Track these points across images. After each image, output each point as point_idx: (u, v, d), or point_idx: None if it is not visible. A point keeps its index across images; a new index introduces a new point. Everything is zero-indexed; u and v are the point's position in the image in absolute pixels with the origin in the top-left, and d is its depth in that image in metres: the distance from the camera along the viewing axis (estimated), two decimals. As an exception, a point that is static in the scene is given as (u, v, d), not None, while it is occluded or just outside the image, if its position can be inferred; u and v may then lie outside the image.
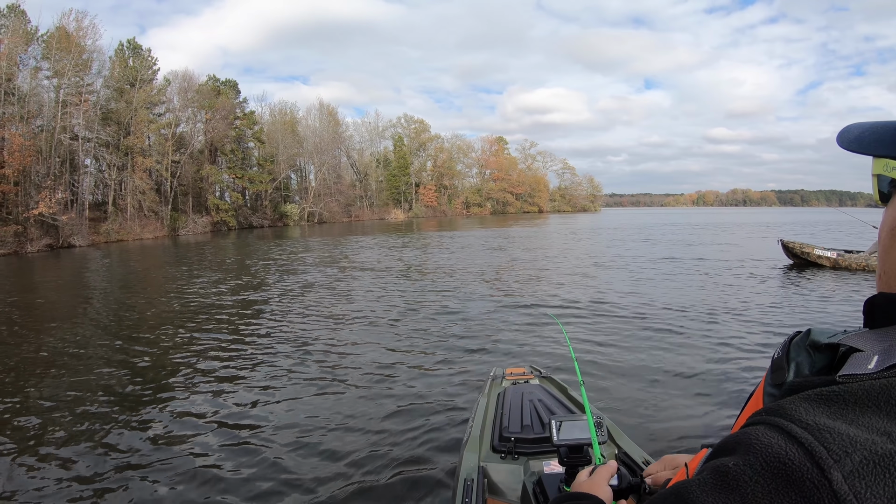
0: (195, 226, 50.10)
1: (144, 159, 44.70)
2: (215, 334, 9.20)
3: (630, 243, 28.16)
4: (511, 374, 3.81)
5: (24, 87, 34.78)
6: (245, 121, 59.79)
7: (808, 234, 32.75)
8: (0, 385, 6.61)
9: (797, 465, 0.46)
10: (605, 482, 1.15)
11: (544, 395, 3.17)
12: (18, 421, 5.41)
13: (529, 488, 2.09)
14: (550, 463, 2.47)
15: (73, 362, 7.61)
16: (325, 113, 76.90)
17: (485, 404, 3.28)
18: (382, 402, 5.71)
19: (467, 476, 2.50)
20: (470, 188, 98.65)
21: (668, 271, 16.27)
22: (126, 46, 46.12)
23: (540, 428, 2.78)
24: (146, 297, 14.29)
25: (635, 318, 9.55)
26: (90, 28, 38.79)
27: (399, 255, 23.60)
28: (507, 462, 2.64)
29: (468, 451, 2.73)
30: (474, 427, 3.00)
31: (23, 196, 33.51)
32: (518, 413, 2.95)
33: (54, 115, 36.29)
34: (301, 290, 13.85)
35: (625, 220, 72.85)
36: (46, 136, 35.89)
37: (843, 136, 0.70)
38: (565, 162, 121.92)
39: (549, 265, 18.24)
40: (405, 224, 63.80)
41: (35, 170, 34.62)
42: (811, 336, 0.67)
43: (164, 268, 21.89)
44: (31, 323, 10.85)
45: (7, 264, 25.19)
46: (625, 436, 2.75)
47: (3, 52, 33.31)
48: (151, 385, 6.58)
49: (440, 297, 12.37)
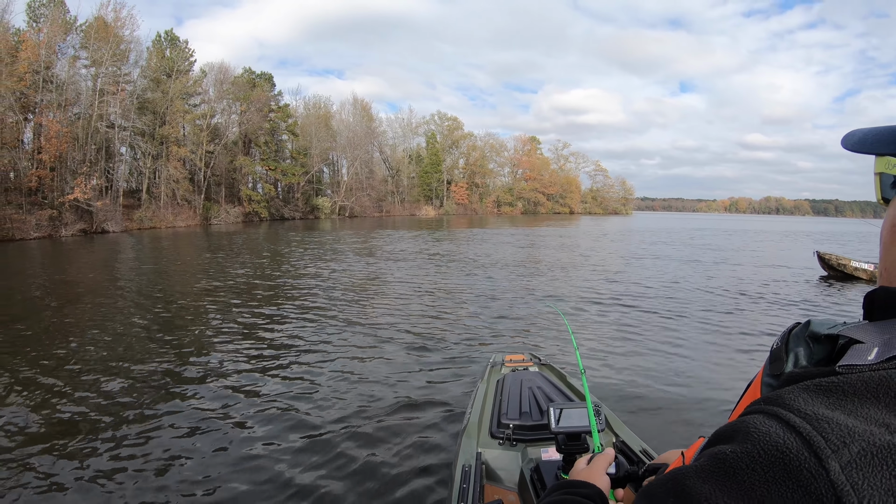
0: (227, 216, 50.43)
1: (179, 149, 45.18)
2: (240, 317, 9.42)
3: (661, 246, 27.29)
4: (510, 361, 3.85)
5: (62, 75, 35.30)
6: (279, 113, 59.97)
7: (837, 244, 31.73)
8: (36, 358, 6.92)
9: (795, 455, 0.46)
10: (602, 470, 1.14)
11: (543, 383, 3.17)
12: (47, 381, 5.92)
13: (527, 475, 2.10)
14: (548, 450, 2.42)
15: (104, 335, 8.09)
16: (359, 108, 76.93)
17: (484, 391, 3.29)
18: (385, 384, 5.78)
19: (465, 462, 2.50)
20: (501, 187, 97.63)
21: (698, 277, 15.56)
22: (163, 37, 46.63)
23: (538, 415, 2.77)
24: (178, 278, 15.09)
25: (655, 321, 9.21)
26: (128, 19, 39.30)
27: (427, 249, 23.61)
28: (505, 448, 2.63)
29: (466, 437, 2.74)
30: (473, 413, 3.01)
31: (58, 181, 34.08)
32: (517, 400, 2.94)
33: (91, 104, 36.81)
34: (327, 278, 14.08)
35: (657, 224, 71.32)
36: (83, 123, 36.41)
37: (847, 139, 0.71)
38: (598, 164, 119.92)
39: (574, 263, 17.55)
40: (435, 221, 63.61)
41: (71, 156, 35.16)
42: (811, 327, 0.66)
43: (196, 254, 22.29)
44: (66, 298, 11.42)
45: (42, 247, 25.74)
46: (623, 424, 2.75)
47: (43, 41, 33.88)
48: (177, 355, 7.03)
49: (460, 288, 12.60)
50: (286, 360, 6.77)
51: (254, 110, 53.33)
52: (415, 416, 4.94)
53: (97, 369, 6.42)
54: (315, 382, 5.91)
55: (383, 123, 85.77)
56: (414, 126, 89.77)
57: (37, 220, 31.27)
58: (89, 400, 5.40)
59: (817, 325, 0.66)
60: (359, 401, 5.32)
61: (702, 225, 69.57)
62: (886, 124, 0.67)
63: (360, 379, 5.99)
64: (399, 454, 4.21)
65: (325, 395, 5.51)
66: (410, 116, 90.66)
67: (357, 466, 4.03)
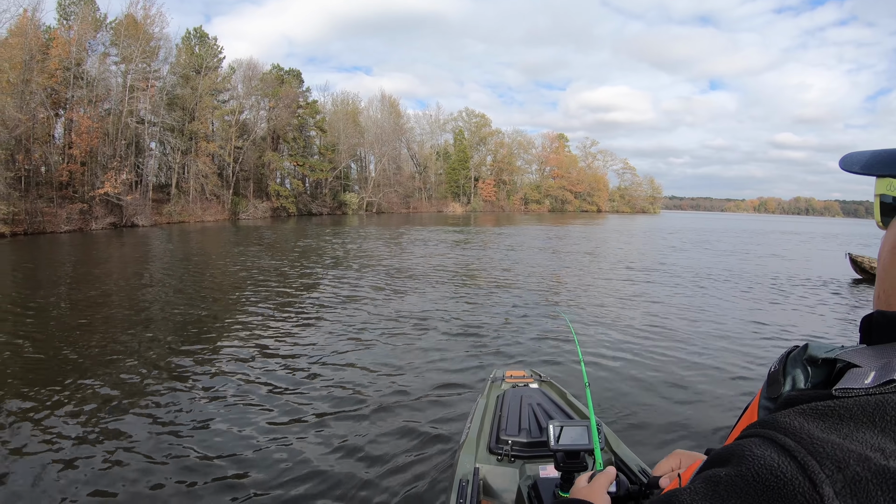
0: (255, 210, 50.62)
1: (208, 144, 45.53)
2: (245, 315, 9.56)
3: (688, 249, 26.26)
4: (511, 377, 3.76)
5: (92, 71, 35.72)
6: (308, 110, 60.01)
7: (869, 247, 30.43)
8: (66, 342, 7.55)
9: (789, 479, 0.46)
10: (603, 489, 1.13)
11: (543, 400, 3.12)
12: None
13: (524, 492, 2.08)
14: (547, 467, 2.32)
15: (133, 322, 8.71)
16: (387, 104, 76.74)
17: (483, 406, 3.24)
18: (384, 395, 5.72)
19: (463, 477, 2.46)
20: (529, 184, 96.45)
21: (725, 279, 14.99)
22: (193, 34, 46.88)
23: (538, 432, 2.73)
24: (208, 269, 15.75)
25: (671, 334, 8.75)
26: (157, 16, 39.59)
27: (452, 248, 23.45)
28: (504, 465, 2.59)
29: (464, 453, 2.68)
30: (472, 428, 2.96)
31: (89, 176, 34.52)
32: (516, 416, 2.91)
33: (121, 100, 37.14)
34: (348, 276, 14.19)
35: (684, 223, 69.58)
36: (113, 118, 36.80)
37: (846, 160, 0.70)
38: (626, 162, 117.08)
39: (595, 267, 16.72)
40: (462, 217, 63.40)
41: (102, 151, 35.51)
42: (808, 351, 0.66)
43: (225, 246, 22.99)
44: (98, 287, 12.08)
45: (73, 239, 26.20)
46: (621, 443, 2.68)
47: (73, 39, 34.29)
48: (201, 343, 7.56)
49: (478, 290, 12.59)
50: (284, 366, 6.74)
51: (282, 106, 53.43)
52: (413, 429, 4.86)
53: (134, 353, 7.00)
54: (309, 389, 5.87)
55: (411, 120, 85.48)
56: (442, 122, 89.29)
57: (68, 214, 31.74)
58: (124, 380, 5.96)
59: (815, 349, 0.65)
60: (355, 411, 5.26)
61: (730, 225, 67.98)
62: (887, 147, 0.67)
63: (358, 389, 5.89)
64: (396, 467, 4.17)
65: (321, 404, 5.45)
66: (438, 113, 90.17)
67: (353, 478, 4.01)
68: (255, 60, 53.67)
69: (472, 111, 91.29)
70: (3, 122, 27.34)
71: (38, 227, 29.04)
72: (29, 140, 30.69)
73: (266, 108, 53.78)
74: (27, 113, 29.64)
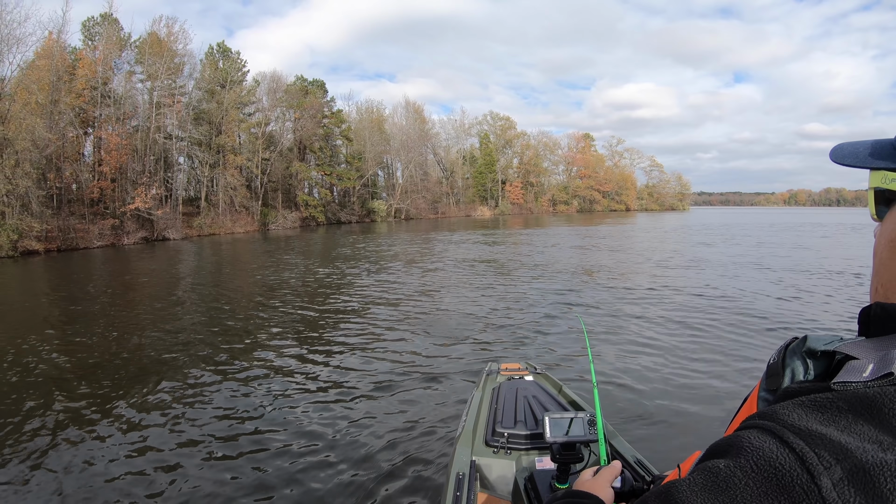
0: (285, 221, 50.58)
1: (235, 157, 45.55)
2: (287, 317, 9.98)
3: (721, 246, 24.64)
4: (506, 370, 3.76)
5: (118, 89, 36.10)
6: (333, 119, 59.97)
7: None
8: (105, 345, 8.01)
9: (787, 470, 0.46)
10: (607, 483, 1.13)
11: (538, 392, 3.11)
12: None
13: (521, 484, 2.09)
14: (543, 459, 2.41)
15: (167, 331, 8.92)
16: (412, 111, 76.30)
17: (479, 398, 3.24)
18: (380, 389, 5.79)
19: (459, 469, 2.45)
20: (556, 186, 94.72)
21: (748, 280, 13.81)
22: (216, 49, 47.13)
23: (533, 424, 2.71)
24: (239, 279, 16.28)
25: (700, 326, 8.56)
26: (180, 33, 39.81)
27: (481, 250, 23.58)
28: (500, 457, 2.59)
29: (461, 445, 2.68)
30: (468, 421, 2.94)
31: (119, 192, 34.79)
32: (512, 408, 2.90)
33: (148, 116, 37.49)
34: (376, 281, 14.25)
35: (715, 219, 67.24)
36: (141, 135, 37.11)
37: (837, 152, 0.70)
38: (653, 159, 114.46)
39: (618, 264, 15.56)
40: (491, 221, 62.71)
41: (131, 167, 35.81)
42: (807, 343, 0.66)
43: (256, 257, 23.38)
44: (135, 298, 12.61)
45: (105, 254, 26.51)
46: (618, 435, 2.66)
47: (99, 58, 34.72)
48: (230, 350, 7.64)
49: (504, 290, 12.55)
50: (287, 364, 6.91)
51: (307, 117, 53.43)
52: (409, 422, 4.88)
53: (169, 357, 7.28)
54: (309, 385, 5.99)
55: (436, 125, 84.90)
56: (467, 127, 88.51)
57: (100, 230, 32.03)
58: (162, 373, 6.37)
59: (814, 341, 0.65)
60: (352, 406, 5.32)
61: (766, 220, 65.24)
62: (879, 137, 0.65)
63: (355, 383, 5.96)
64: (392, 460, 4.18)
65: (319, 398, 5.58)
66: (463, 117, 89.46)
67: (349, 471, 4.03)
68: (278, 72, 53.88)
69: (496, 114, 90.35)
70: (34, 142, 27.63)
71: (71, 243, 29.31)
72: (59, 159, 31.04)
73: (291, 119, 53.88)
74: (56, 132, 29.95)
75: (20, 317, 10.79)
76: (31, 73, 29.03)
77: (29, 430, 4.87)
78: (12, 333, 8.94)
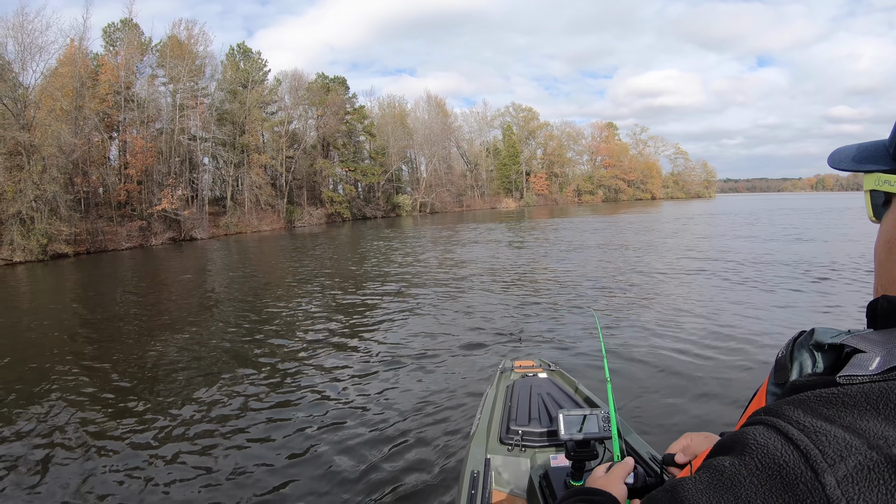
0: (310, 217, 50.54)
1: (260, 156, 45.58)
2: (313, 303, 10.69)
3: (751, 238, 22.63)
4: (520, 367, 3.71)
5: (142, 93, 36.27)
6: (355, 115, 59.72)
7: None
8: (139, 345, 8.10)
9: (792, 468, 0.46)
10: (620, 479, 1.11)
11: (552, 389, 3.07)
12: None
13: (536, 482, 2.08)
14: (557, 457, 2.27)
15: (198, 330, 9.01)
16: (434, 105, 75.47)
17: (493, 396, 3.20)
18: (396, 389, 5.72)
19: (474, 468, 2.44)
20: (581, 175, 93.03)
21: (775, 274, 12.78)
22: (236, 50, 47.10)
23: (548, 421, 2.67)
24: (267, 275, 16.55)
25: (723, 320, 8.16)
26: (200, 35, 39.85)
27: (503, 241, 23.33)
28: (514, 455, 2.55)
29: (475, 443, 2.66)
30: (482, 419, 2.93)
31: (146, 194, 35.05)
32: (526, 406, 2.86)
33: (172, 118, 37.68)
34: (400, 276, 14.22)
35: (742, 206, 64.59)
36: (166, 137, 37.31)
37: (834, 157, 0.71)
38: (678, 147, 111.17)
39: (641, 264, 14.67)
40: (516, 212, 62.06)
41: (157, 169, 36.06)
42: (815, 336, 0.65)
43: (283, 254, 23.72)
44: (166, 298, 12.84)
45: (134, 255, 26.89)
46: (633, 431, 2.62)
47: (121, 63, 34.96)
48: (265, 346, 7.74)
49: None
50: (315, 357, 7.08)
51: (330, 114, 53.25)
52: (424, 420, 4.85)
53: (199, 357, 7.32)
54: (323, 384, 5.96)
55: (458, 118, 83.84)
56: (489, 119, 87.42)
57: (127, 231, 32.34)
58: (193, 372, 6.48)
59: (821, 334, 0.65)
60: (369, 404, 5.30)
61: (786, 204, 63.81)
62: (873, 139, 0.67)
63: (371, 382, 5.96)
64: (406, 458, 4.16)
65: (336, 394, 5.60)
66: (485, 110, 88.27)
67: (364, 468, 4.01)
68: (299, 71, 53.66)
69: (518, 105, 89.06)
70: (60, 148, 27.85)
71: (99, 245, 29.63)
72: (86, 163, 31.37)
73: (314, 116, 53.74)
74: (82, 137, 30.22)
75: (50, 319, 10.84)
76: (54, 80, 29.31)
77: (67, 424, 5.09)
78: (40, 335, 9.24)
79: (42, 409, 5.56)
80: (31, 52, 27.57)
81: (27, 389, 6.26)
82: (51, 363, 7.28)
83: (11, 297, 14.96)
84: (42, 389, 6.20)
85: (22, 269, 22.55)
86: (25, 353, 8.11)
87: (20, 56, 27.38)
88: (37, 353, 7.93)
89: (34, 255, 24.94)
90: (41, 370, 7.03)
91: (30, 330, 9.84)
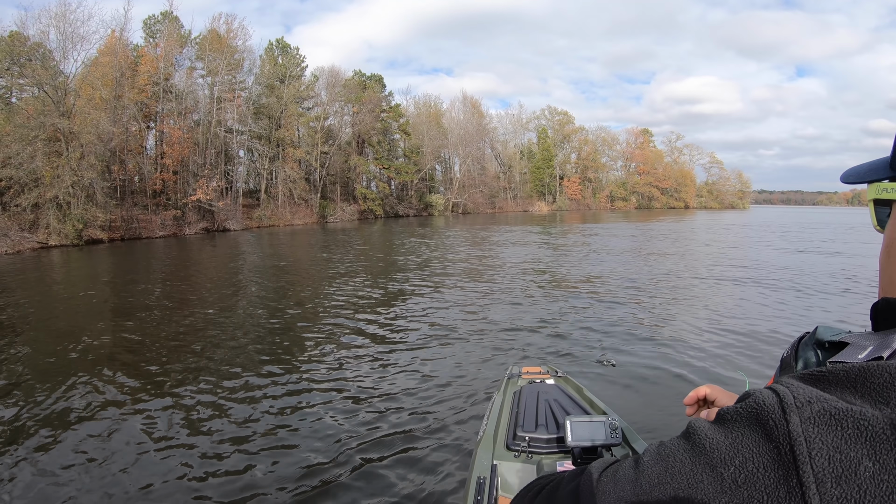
0: (343, 213, 50.13)
1: (295, 150, 45.32)
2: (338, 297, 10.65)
3: (790, 252, 21.65)
4: (527, 373, 3.58)
5: (180, 85, 36.21)
6: (391, 113, 59.13)
7: None
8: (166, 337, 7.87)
9: (767, 407, 0.50)
10: None
11: (560, 395, 3.01)
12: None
13: None
14: (564, 463, 2.33)
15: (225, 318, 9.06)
16: (469, 105, 74.17)
17: (500, 402, 3.11)
18: (404, 394, 5.54)
19: (480, 474, 2.40)
20: (614, 181, 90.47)
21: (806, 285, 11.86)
22: (275, 45, 46.83)
23: (555, 428, 2.63)
24: (297, 268, 16.71)
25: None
26: (240, 30, 39.65)
27: (532, 248, 22.37)
28: (521, 461, 2.49)
29: (482, 449, 2.58)
30: (489, 425, 2.83)
31: (181, 184, 34.99)
32: (533, 412, 2.79)
33: (209, 111, 37.54)
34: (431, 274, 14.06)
35: (781, 219, 62.15)
36: (202, 129, 37.18)
37: (846, 175, 0.75)
38: (713, 155, 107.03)
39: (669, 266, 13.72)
40: (548, 216, 60.70)
41: (193, 160, 35.95)
42: (817, 334, 0.69)
43: (315, 248, 23.67)
44: (197, 284, 13.13)
45: (168, 244, 26.92)
46: (639, 438, 2.54)
47: (161, 55, 34.91)
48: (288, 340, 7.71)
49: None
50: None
51: (366, 111, 52.69)
52: (430, 426, 4.72)
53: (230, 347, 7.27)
54: (334, 385, 5.80)
55: (493, 120, 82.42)
56: (524, 121, 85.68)
57: (162, 220, 32.37)
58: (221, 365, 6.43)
59: (823, 332, 0.69)
60: (376, 403, 5.22)
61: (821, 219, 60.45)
62: None
63: (379, 386, 5.79)
64: (413, 463, 4.08)
65: (342, 397, 5.43)
66: (521, 112, 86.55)
67: (370, 474, 3.94)
68: (336, 67, 53.10)
69: (554, 109, 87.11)
70: (99, 136, 27.92)
71: (134, 232, 29.65)
72: (123, 152, 31.38)
73: (350, 113, 53.23)
74: (120, 126, 30.26)
75: (84, 302, 11.02)
76: (94, 69, 29.36)
77: (92, 410, 5.08)
78: (71, 318, 9.43)
79: (66, 385, 5.71)
80: (73, 42, 27.60)
81: (56, 364, 6.53)
82: (79, 339, 7.57)
83: (43, 278, 15.41)
84: (70, 364, 6.45)
85: (57, 252, 22.65)
86: (57, 326, 8.67)
87: (62, 45, 27.45)
88: (67, 329, 8.37)
89: (69, 239, 24.97)
90: (72, 342, 7.41)
91: (65, 304, 10.50)
